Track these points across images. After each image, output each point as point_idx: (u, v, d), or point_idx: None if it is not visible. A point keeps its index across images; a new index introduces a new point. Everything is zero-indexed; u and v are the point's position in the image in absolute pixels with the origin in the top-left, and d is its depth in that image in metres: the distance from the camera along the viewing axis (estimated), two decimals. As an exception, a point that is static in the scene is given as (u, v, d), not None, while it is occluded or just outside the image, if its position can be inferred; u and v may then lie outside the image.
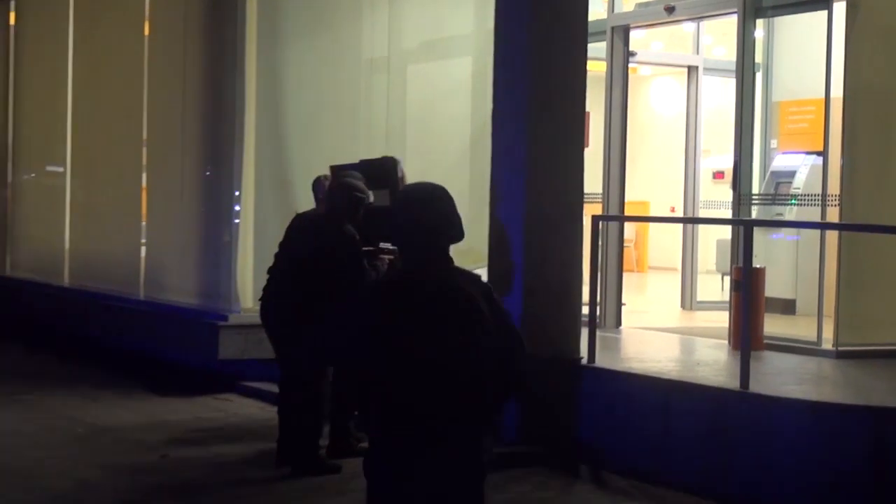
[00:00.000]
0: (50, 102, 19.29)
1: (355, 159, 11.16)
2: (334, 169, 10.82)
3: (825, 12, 11.71)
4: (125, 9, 17.12)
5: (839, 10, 11.52)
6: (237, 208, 14.09)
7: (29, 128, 20.43)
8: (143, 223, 16.11)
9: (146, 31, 16.50)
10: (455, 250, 14.02)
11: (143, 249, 16.15)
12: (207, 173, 14.59)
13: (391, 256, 9.90)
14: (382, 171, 10.37)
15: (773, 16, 12.70)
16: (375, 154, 11.66)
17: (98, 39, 18.11)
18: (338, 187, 9.74)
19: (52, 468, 9.69)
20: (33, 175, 20.37)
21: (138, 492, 9.00)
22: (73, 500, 8.83)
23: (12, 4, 20.81)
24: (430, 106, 14.71)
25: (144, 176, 15.94)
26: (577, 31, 10.75)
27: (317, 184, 10.62)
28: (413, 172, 14.27)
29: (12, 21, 20.89)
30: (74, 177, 18.51)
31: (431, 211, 4.91)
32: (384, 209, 9.85)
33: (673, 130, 15.77)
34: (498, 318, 4.98)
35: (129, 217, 16.53)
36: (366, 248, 9.69)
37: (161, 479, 9.32)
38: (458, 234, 5.03)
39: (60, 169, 18.87)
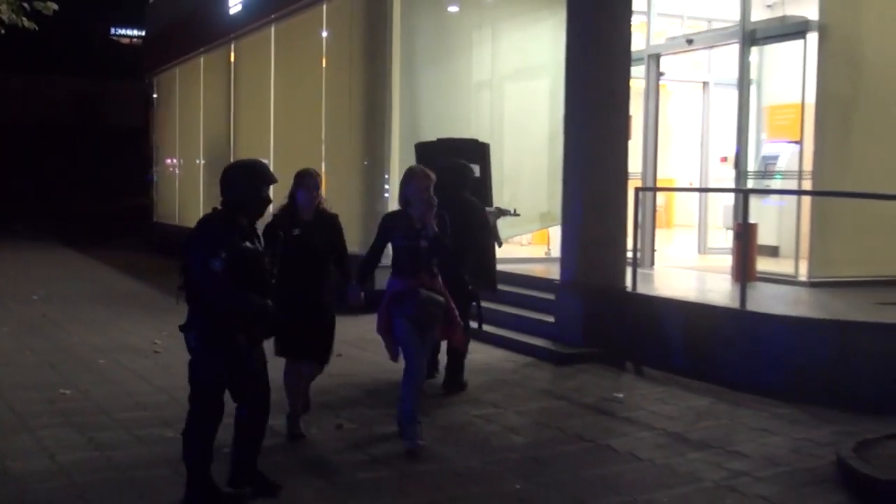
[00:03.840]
0: (258, 115, 19.56)
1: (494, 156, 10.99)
2: (419, 145, 10.63)
3: (802, 41, 11.55)
4: (309, 48, 17.30)
5: (812, 39, 11.32)
6: (387, 187, 14.22)
7: (244, 134, 20.76)
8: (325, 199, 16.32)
9: (323, 64, 16.67)
10: (536, 213, 13.90)
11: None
12: (366, 163, 14.70)
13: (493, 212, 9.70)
14: (468, 150, 9.70)
15: (764, 44, 12.47)
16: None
17: (291, 70, 18.34)
18: (459, 168, 8.80)
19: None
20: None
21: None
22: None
23: (232, 47, 21.14)
24: (520, 113, 14.69)
25: (323, 165, 16.12)
26: (622, 59, 10.68)
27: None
28: (509, 160, 14.39)
29: (232, 59, 21.24)
30: (275, 168, 18.63)
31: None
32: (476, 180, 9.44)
33: (691, 127, 15.57)
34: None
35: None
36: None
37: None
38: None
39: (266, 161, 19.13)
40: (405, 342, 6.79)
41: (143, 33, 31.39)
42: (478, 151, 9.78)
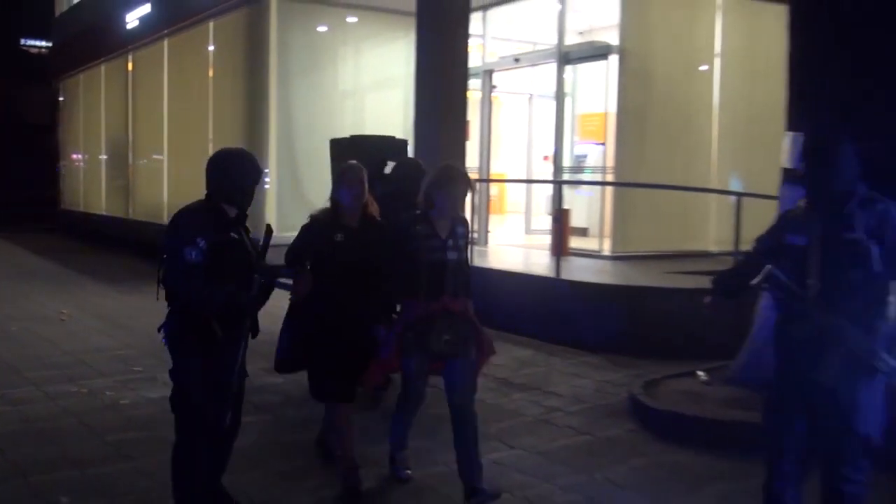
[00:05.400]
0: (153, 117, 18.96)
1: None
2: (334, 141, 9.03)
3: (606, 61, 11.87)
4: (198, 59, 16.85)
5: (614, 60, 11.65)
6: (267, 180, 13.99)
7: (141, 133, 20.10)
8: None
9: (210, 74, 16.29)
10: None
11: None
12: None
13: None
14: (386, 146, 8.39)
15: (576, 63, 12.77)
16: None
17: (182, 77, 17.84)
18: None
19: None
20: (145, 161, 20.05)
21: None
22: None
23: (130, 58, 20.42)
24: (378, 117, 14.60)
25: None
26: (461, 74, 10.77)
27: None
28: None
29: (130, 67, 20.53)
30: (169, 161, 18.26)
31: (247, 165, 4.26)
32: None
33: (519, 130, 15.82)
34: None
35: (201, 184, 16.27)
36: None
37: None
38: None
39: (161, 157, 18.62)
40: (412, 375, 4.80)
41: (50, 44, 29.88)
42: (396, 148, 8.43)
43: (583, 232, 12.87)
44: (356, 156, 6.78)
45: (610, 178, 11.81)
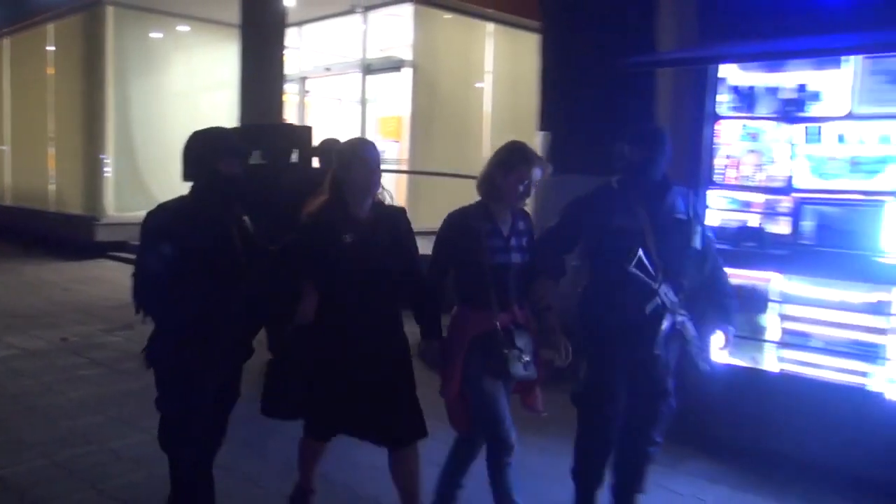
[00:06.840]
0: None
1: (170, 146, 10.18)
2: (238, 129, 7.34)
3: (400, 73, 11.95)
4: (38, 58, 15.43)
5: (407, 72, 11.78)
6: (105, 166, 13.09)
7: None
8: (52, 173, 14.81)
9: (51, 72, 15.00)
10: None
11: (52, 187, 14.86)
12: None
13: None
14: (290, 135, 7.14)
15: (377, 74, 12.75)
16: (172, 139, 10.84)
17: (23, 74, 16.29)
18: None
19: (25, 301, 8.82)
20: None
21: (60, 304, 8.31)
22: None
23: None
24: (208, 115, 13.94)
25: (53, 150, 14.60)
26: (277, 80, 10.48)
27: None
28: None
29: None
30: (13, 151, 16.66)
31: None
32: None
33: (329, 130, 15.60)
34: None
35: (42, 171, 15.07)
36: None
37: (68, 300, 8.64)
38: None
39: (4, 147, 16.95)
40: (492, 402, 3.13)
41: None
42: (300, 136, 6.96)
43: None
44: (260, 146, 6.00)
45: (404, 166, 11.94)
